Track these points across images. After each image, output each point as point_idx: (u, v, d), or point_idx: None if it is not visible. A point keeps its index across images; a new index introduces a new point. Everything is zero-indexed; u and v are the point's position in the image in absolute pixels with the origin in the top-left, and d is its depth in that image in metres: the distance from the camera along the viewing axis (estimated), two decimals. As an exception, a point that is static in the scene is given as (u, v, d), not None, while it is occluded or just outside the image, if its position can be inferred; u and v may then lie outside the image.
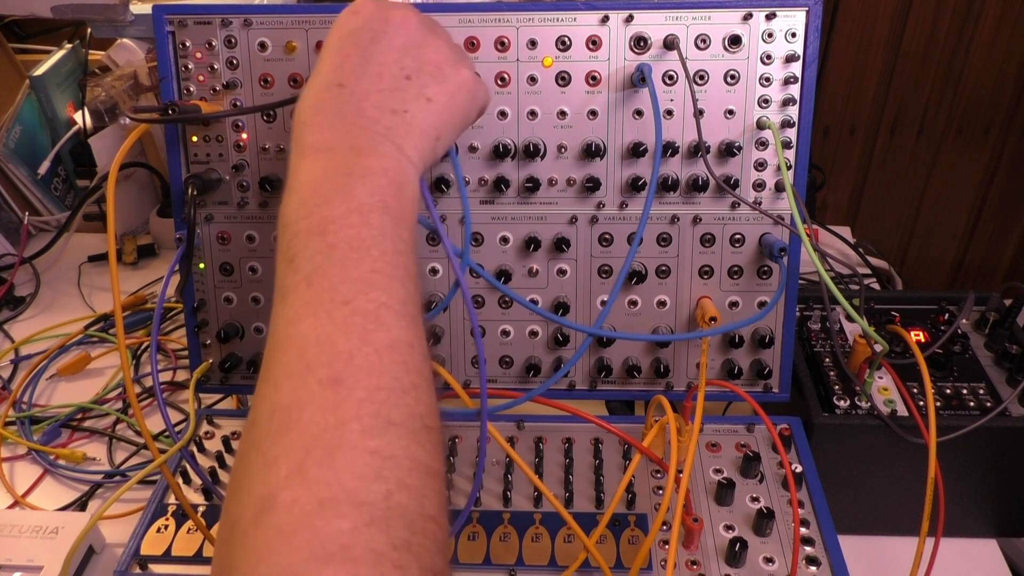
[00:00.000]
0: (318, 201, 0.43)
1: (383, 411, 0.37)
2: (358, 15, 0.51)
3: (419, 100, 0.50)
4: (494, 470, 0.68)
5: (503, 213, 0.68)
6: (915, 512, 0.60)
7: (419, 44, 0.52)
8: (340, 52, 0.50)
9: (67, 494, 0.79)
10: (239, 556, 0.33)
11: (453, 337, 0.71)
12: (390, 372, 0.38)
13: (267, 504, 0.33)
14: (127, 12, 0.89)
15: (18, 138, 1.15)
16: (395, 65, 0.50)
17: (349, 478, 0.34)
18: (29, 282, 1.11)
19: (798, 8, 0.63)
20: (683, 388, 0.72)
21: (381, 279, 0.41)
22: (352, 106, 0.48)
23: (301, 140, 0.47)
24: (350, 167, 0.45)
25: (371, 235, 0.42)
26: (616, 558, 0.61)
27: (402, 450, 0.36)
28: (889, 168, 1.60)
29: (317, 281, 0.40)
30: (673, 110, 0.65)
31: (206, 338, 0.73)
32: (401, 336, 0.40)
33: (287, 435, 0.35)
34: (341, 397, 0.36)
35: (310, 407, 0.36)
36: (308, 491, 0.33)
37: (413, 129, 0.49)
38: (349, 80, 0.49)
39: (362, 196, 0.44)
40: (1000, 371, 0.71)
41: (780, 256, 0.65)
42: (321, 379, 0.37)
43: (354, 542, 0.32)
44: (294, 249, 0.42)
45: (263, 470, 0.34)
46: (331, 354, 0.38)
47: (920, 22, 1.45)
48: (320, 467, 0.34)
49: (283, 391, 0.37)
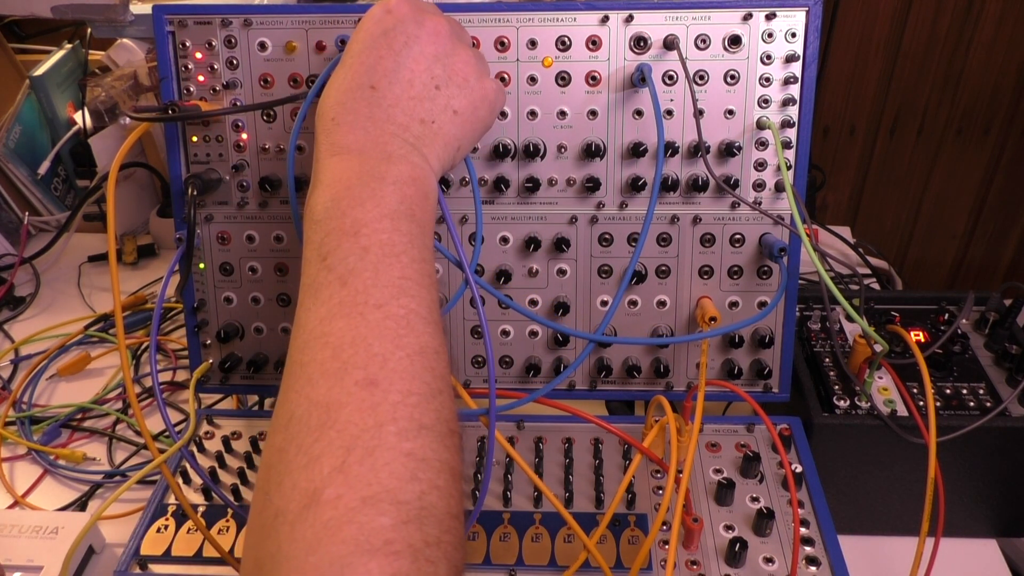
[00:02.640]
0: (351, 203, 0.45)
1: (416, 415, 0.39)
2: (392, 14, 0.52)
3: (446, 112, 0.52)
4: (494, 470, 0.68)
5: (503, 213, 0.68)
6: (915, 512, 0.60)
7: (449, 54, 0.53)
8: (373, 52, 0.51)
9: (67, 494, 0.79)
10: (286, 546, 0.35)
11: (453, 337, 0.71)
12: (420, 377, 0.41)
13: (313, 499, 0.35)
14: (127, 12, 0.89)
15: (18, 138, 1.15)
16: (426, 73, 0.52)
17: (388, 478, 0.36)
18: (29, 282, 1.11)
19: (798, 8, 0.63)
20: (683, 388, 0.72)
21: (411, 285, 0.43)
22: (383, 111, 0.50)
23: (332, 137, 0.49)
24: (382, 173, 0.47)
25: (401, 241, 0.45)
26: (616, 558, 0.61)
27: (433, 453, 0.38)
28: (889, 168, 1.60)
29: (351, 282, 0.42)
30: (673, 110, 0.65)
31: (206, 338, 0.73)
32: (429, 343, 0.42)
33: (327, 432, 0.37)
34: (377, 399, 0.39)
35: (348, 407, 0.38)
36: (351, 488, 0.35)
37: (438, 140, 0.52)
38: (381, 84, 0.50)
39: (392, 202, 0.46)
40: (1000, 371, 0.71)
41: (780, 256, 0.65)
42: (358, 380, 0.39)
43: (395, 538, 0.34)
44: (327, 247, 0.44)
45: (306, 466, 0.37)
46: (366, 356, 0.40)
47: (920, 22, 1.45)
48: (361, 466, 0.36)
49: (320, 388, 0.39)
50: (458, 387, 0.62)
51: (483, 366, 0.72)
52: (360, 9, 0.64)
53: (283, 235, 0.69)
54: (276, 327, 0.72)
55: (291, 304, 0.71)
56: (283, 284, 0.71)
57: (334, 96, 0.50)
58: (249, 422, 0.74)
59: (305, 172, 0.66)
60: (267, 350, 0.73)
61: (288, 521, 0.35)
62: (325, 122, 0.50)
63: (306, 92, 0.64)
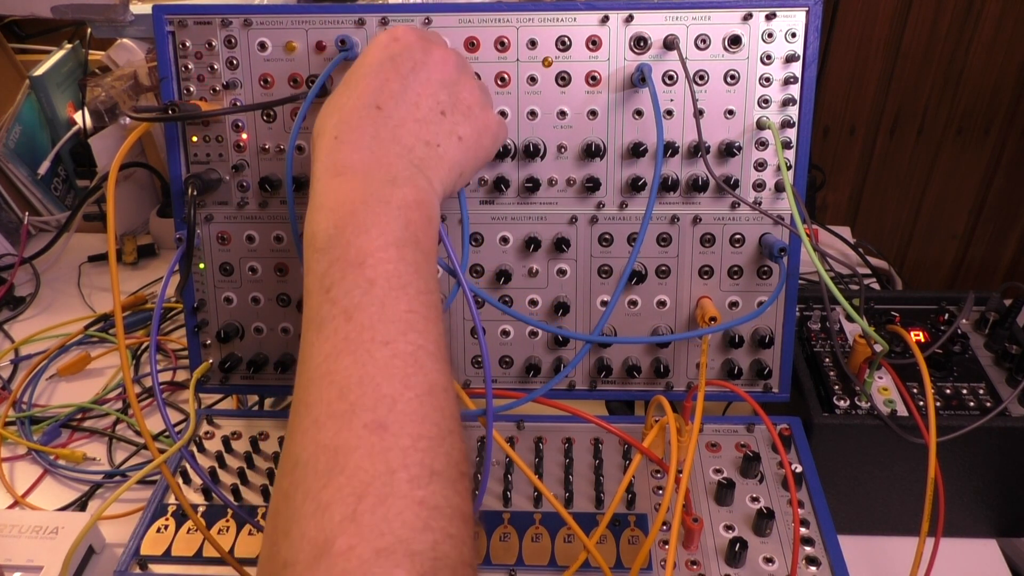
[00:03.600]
0: (355, 230, 0.44)
1: (427, 460, 0.38)
2: (399, 41, 0.52)
3: (451, 137, 0.52)
4: (494, 470, 0.68)
5: (503, 213, 0.68)
6: (915, 512, 0.60)
7: (455, 82, 0.53)
8: (379, 75, 0.50)
9: (67, 494, 0.79)
10: None
11: (453, 337, 0.71)
12: (430, 419, 0.39)
13: (324, 550, 0.34)
14: (127, 12, 0.89)
15: (18, 138, 1.15)
16: (432, 99, 0.51)
17: (401, 528, 0.35)
18: (29, 282, 1.11)
19: (798, 8, 0.63)
20: (683, 388, 0.72)
21: (417, 320, 0.42)
22: (389, 131, 0.49)
23: (334, 156, 0.48)
24: (387, 196, 0.46)
25: (407, 271, 0.43)
26: (616, 558, 0.61)
27: (445, 500, 0.37)
28: (889, 168, 1.60)
29: (356, 317, 0.41)
30: (673, 110, 0.65)
31: (206, 338, 0.73)
32: (437, 380, 0.41)
33: (336, 479, 0.36)
34: (388, 444, 0.37)
35: (357, 452, 0.37)
36: (363, 539, 0.34)
37: (443, 164, 0.51)
38: (387, 104, 0.50)
39: (397, 229, 0.44)
40: (1000, 371, 0.71)
41: (780, 256, 0.65)
42: (366, 423, 0.38)
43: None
44: (331, 278, 0.43)
45: (315, 513, 0.35)
46: (374, 397, 0.39)
47: (920, 22, 1.45)
48: (373, 515, 0.35)
49: (326, 431, 0.38)
50: (457, 388, 0.62)
51: (483, 366, 0.72)
52: (360, 9, 0.64)
53: (283, 235, 0.69)
54: (276, 327, 0.72)
55: (291, 304, 0.71)
56: (283, 284, 0.71)
57: (337, 115, 0.49)
58: (249, 422, 0.74)
59: (305, 172, 0.66)
60: (267, 350, 0.73)
61: (297, 572, 0.34)
62: (327, 140, 0.48)
63: (306, 92, 0.64)
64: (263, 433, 0.72)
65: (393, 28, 0.53)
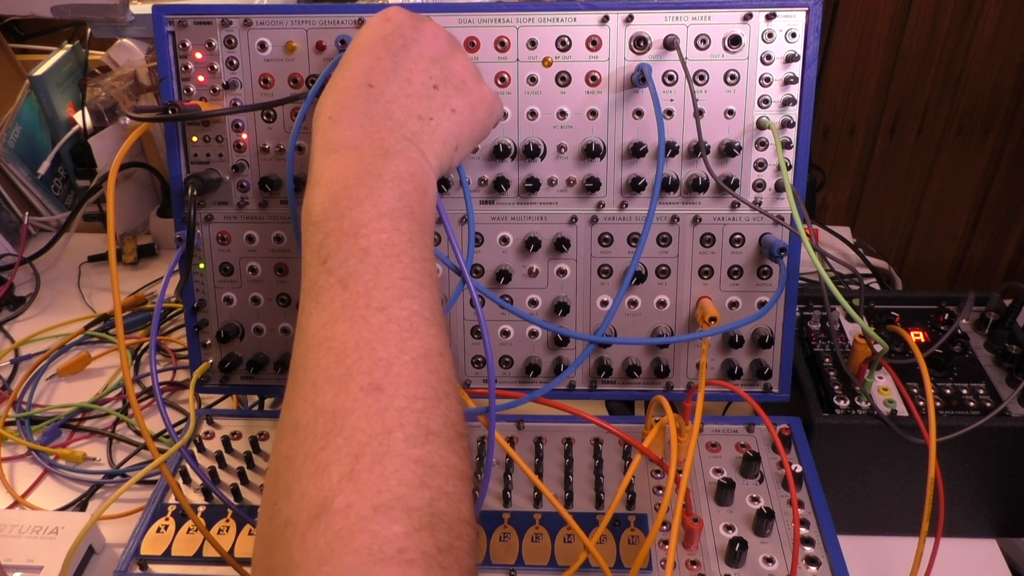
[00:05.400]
0: (349, 203, 0.45)
1: (423, 420, 0.38)
2: (390, 21, 0.53)
3: (444, 110, 0.52)
4: (494, 470, 0.68)
5: (503, 213, 0.68)
6: (915, 512, 0.61)
7: (447, 56, 0.54)
8: (371, 54, 0.51)
9: (67, 494, 0.79)
10: (298, 556, 0.34)
11: (454, 337, 0.71)
12: (426, 381, 0.40)
13: (323, 508, 0.35)
14: (127, 12, 0.89)
15: (18, 138, 1.15)
16: (424, 73, 0.52)
17: (397, 485, 0.36)
18: (29, 282, 1.11)
19: (798, 8, 0.63)
20: (683, 388, 0.72)
21: (412, 286, 0.43)
22: (380, 107, 0.50)
23: (328, 135, 0.49)
24: (380, 170, 0.46)
25: (401, 240, 0.44)
26: (616, 558, 0.61)
27: (441, 459, 0.38)
28: (889, 168, 1.60)
29: (352, 285, 0.42)
30: (673, 110, 0.65)
31: (206, 338, 0.73)
32: (433, 345, 0.42)
33: (334, 440, 0.37)
34: (384, 405, 0.38)
35: (354, 413, 0.38)
36: (361, 497, 0.35)
37: (436, 136, 0.51)
38: (379, 82, 0.50)
39: (390, 200, 0.45)
40: (1000, 371, 0.71)
41: (780, 256, 0.65)
42: (363, 386, 0.39)
43: (408, 546, 0.34)
44: (327, 249, 0.44)
45: (315, 474, 0.36)
46: (371, 361, 0.39)
47: (920, 22, 1.45)
48: (371, 473, 0.36)
49: (325, 395, 0.39)
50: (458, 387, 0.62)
51: (483, 366, 0.72)
52: (360, 9, 0.64)
53: (283, 235, 0.69)
54: (276, 327, 0.72)
55: (291, 304, 0.71)
56: (283, 284, 0.71)
57: (331, 96, 0.50)
58: (249, 422, 0.74)
59: (305, 172, 0.66)
60: (267, 350, 0.73)
61: (299, 531, 0.35)
62: (322, 121, 0.49)
63: (306, 92, 0.64)
64: (263, 433, 0.72)
65: (385, 9, 0.54)
